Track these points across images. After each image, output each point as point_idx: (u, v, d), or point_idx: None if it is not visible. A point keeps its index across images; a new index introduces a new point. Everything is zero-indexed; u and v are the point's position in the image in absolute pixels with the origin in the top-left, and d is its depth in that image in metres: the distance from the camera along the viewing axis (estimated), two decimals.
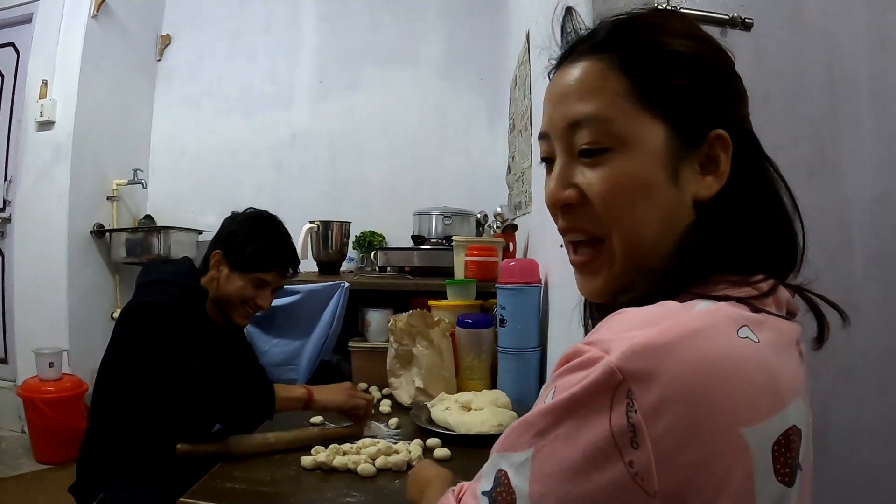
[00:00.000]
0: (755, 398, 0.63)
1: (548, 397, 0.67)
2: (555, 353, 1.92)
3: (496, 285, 2.08)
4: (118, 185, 4.57)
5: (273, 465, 1.67)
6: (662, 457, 0.60)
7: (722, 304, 0.68)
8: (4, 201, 4.59)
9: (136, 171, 4.59)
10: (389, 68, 4.43)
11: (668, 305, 0.68)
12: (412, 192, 4.14)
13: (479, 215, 3.29)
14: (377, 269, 3.15)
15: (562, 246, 0.88)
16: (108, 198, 4.57)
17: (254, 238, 2.21)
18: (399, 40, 4.46)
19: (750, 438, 0.62)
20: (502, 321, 2.05)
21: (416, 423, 1.89)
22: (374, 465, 1.59)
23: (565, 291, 1.71)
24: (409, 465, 1.61)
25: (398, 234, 4.06)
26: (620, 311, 0.69)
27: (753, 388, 0.63)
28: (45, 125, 4.29)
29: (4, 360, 4.67)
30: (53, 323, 4.24)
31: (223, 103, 4.75)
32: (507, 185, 3.32)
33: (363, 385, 2.46)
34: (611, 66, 0.80)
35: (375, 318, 2.62)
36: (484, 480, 0.74)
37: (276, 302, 2.60)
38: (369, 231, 4.09)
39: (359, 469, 1.57)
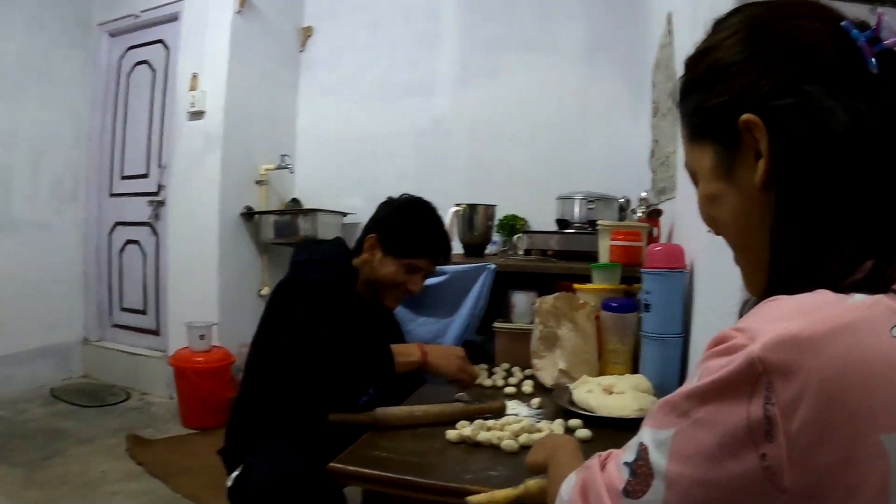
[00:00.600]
0: None
1: (694, 379, 0.68)
2: (698, 340, 1.91)
3: (641, 270, 2.08)
4: (266, 170, 4.78)
5: (419, 437, 1.74)
6: (796, 454, 0.60)
7: (880, 296, 0.65)
8: (159, 186, 4.93)
9: (283, 156, 4.79)
10: (529, 55, 4.41)
11: (823, 295, 0.66)
12: (554, 177, 4.08)
13: (621, 200, 3.27)
14: (521, 252, 3.18)
15: (708, 231, 0.90)
16: (257, 182, 4.79)
17: (408, 224, 2.26)
18: (538, 27, 4.42)
19: (889, 446, 0.59)
20: (647, 306, 2.04)
21: (559, 403, 1.92)
22: (516, 441, 1.62)
23: (711, 278, 1.70)
24: None
25: (541, 219, 4.02)
26: (774, 297, 0.69)
27: None
28: (196, 115, 4.57)
29: (157, 332, 5.01)
30: (204, 299, 4.52)
31: (365, 92, 4.85)
32: (651, 169, 3.28)
33: (505, 365, 2.49)
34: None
35: (520, 300, 2.64)
36: (628, 452, 0.76)
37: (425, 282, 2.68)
38: (512, 215, 4.10)
39: (502, 445, 1.61)
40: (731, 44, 0.81)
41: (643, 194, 2.89)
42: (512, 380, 2.29)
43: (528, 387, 2.19)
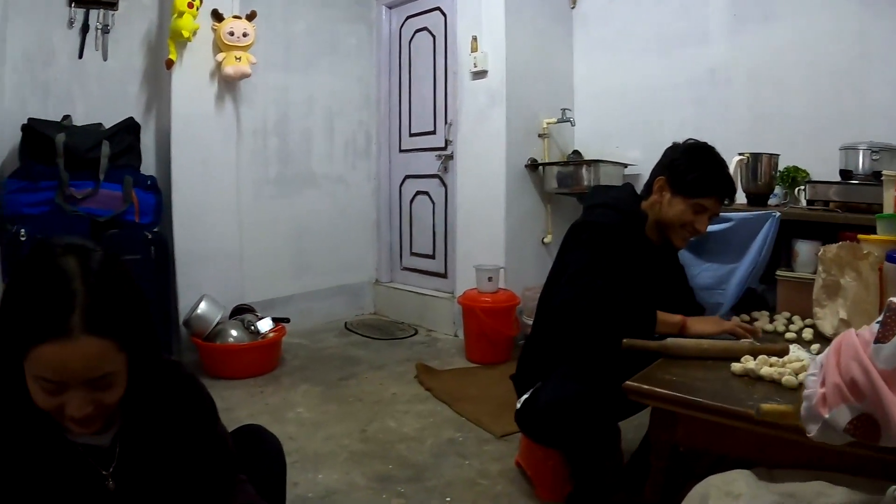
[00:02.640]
0: None
1: None
2: None
3: None
4: (548, 123, 4.91)
5: (706, 367, 1.89)
6: None
7: None
8: (446, 141, 5.25)
9: (563, 110, 4.86)
10: None
11: None
12: (836, 126, 3.84)
13: None
14: (803, 203, 3.15)
15: None
16: (539, 135, 4.94)
17: (695, 166, 2.34)
18: None
19: None
20: None
21: None
22: (796, 378, 1.70)
23: None
24: None
25: (822, 170, 3.73)
26: None
27: None
28: (479, 74, 4.80)
29: (444, 275, 5.37)
30: (491, 245, 4.78)
31: (638, 43, 4.78)
32: None
33: (786, 314, 2.52)
34: None
35: (804, 249, 2.67)
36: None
37: (710, 228, 2.72)
38: (793, 167, 3.94)
39: (783, 380, 1.70)
40: None
41: None
42: (793, 327, 2.36)
43: (808, 334, 2.24)
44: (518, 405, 2.49)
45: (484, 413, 3.46)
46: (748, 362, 1.82)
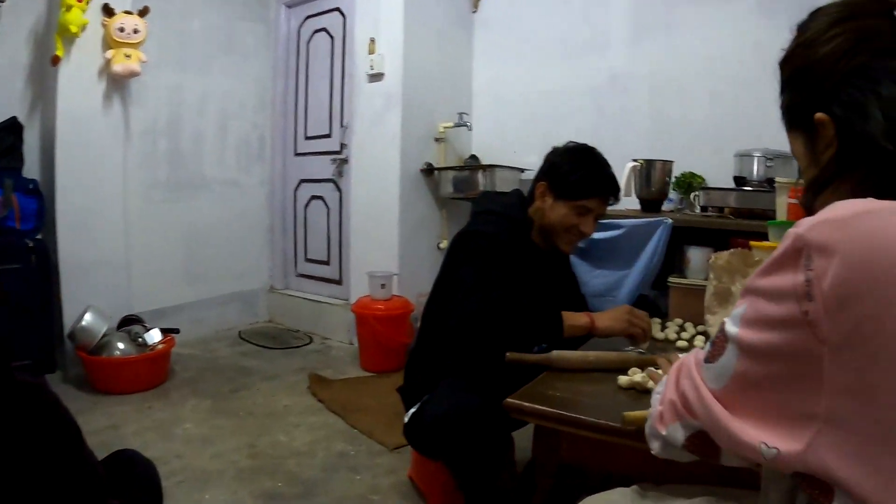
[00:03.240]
0: None
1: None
2: None
3: None
4: (444, 127, 4.86)
5: (592, 380, 1.82)
6: (830, 308, 0.77)
7: (886, 200, 0.82)
8: (342, 144, 5.12)
9: (461, 114, 4.83)
10: (705, 6, 4.14)
11: (864, 200, 0.83)
12: (733, 134, 3.86)
13: None
14: (697, 209, 3.15)
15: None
16: (436, 139, 4.89)
17: (576, 167, 2.28)
18: None
19: None
20: None
21: None
22: None
23: None
24: None
25: (718, 177, 3.85)
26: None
27: None
28: (376, 77, 4.71)
29: (339, 282, 5.27)
30: (385, 250, 4.71)
31: (539, 50, 4.77)
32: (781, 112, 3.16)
33: (678, 320, 2.51)
34: None
35: (696, 255, 2.65)
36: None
37: (601, 235, 2.69)
38: (689, 172, 3.98)
39: None
40: (805, 50, 1.02)
41: None
42: (684, 334, 2.31)
43: (699, 342, 2.19)
44: (406, 419, 2.39)
45: (377, 424, 3.38)
46: (635, 375, 1.76)
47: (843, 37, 0.95)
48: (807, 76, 1.01)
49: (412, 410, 2.36)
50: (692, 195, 3.71)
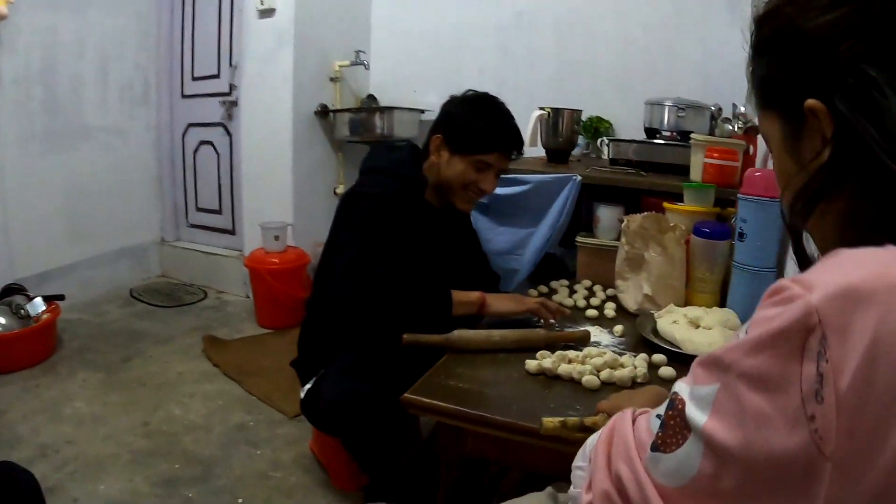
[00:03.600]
0: None
1: (742, 333, 0.63)
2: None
3: (738, 195, 1.92)
4: (340, 66, 4.62)
5: (497, 364, 1.69)
6: (843, 415, 0.54)
7: None
8: (231, 86, 4.79)
9: (357, 52, 4.60)
10: None
11: (887, 250, 0.60)
12: (643, 80, 3.89)
13: (713, 108, 3.05)
14: (607, 159, 3.01)
15: None
16: (331, 79, 4.64)
17: (474, 119, 2.10)
18: None
19: None
20: (741, 235, 1.91)
21: (642, 333, 1.84)
22: (598, 377, 1.55)
23: None
24: (634, 382, 1.57)
25: (626, 123, 3.88)
26: (836, 251, 0.63)
27: None
28: (267, 13, 4.39)
29: (232, 232, 5.02)
30: (279, 198, 4.48)
31: None
32: (747, 79, 3.08)
33: (587, 282, 2.41)
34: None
35: (606, 214, 2.51)
36: (661, 407, 0.73)
37: (505, 191, 2.54)
38: (596, 117, 3.92)
39: (583, 380, 1.55)
40: (796, 11, 0.74)
41: (742, 109, 2.63)
42: (594, 300, 2.23)
43: (610, 310, 2.11)
44: (302, 394, 2.24)
45: (275, 389, 3.24)
46: (544, 359, 1.62)
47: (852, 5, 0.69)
48: (797, 47, 0.74)
49: (308, 386, 2.21)
50: (599, 141, 3.65)
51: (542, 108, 3.04)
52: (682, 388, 0.70)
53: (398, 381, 1.62)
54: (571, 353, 1.65)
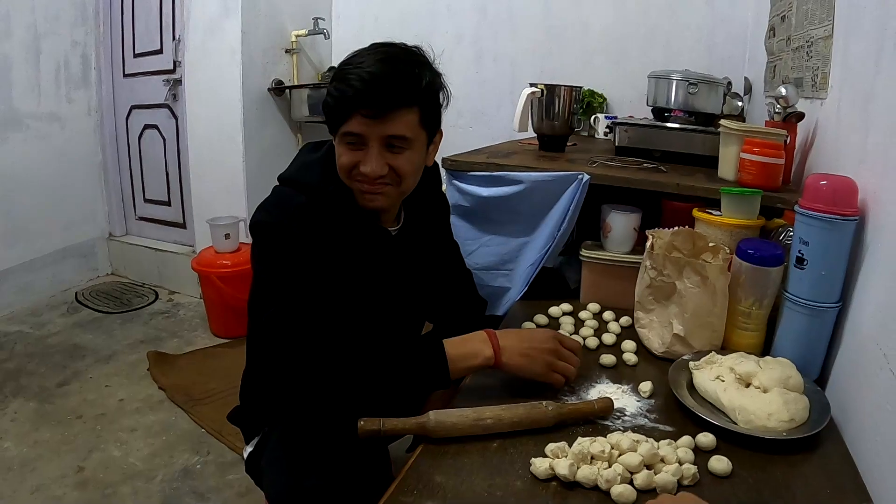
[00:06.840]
0: None
1: None
2: (860, 317, 1.37)
3: (797, 208, 1.45)
4: (297, 36, 4.29)
5: (491, 461, 1.22)
6: None
7: None
8: (175, 62, 4.38)
9: (316, 20, 4.25)
10: None
11: None
12: (641, 47, 3.56)
13: (724, 82, 2.57)
14: (599, 133, 2.49)
15: None
16: (287, 51, 4.31)
17: (332, 80, 1.52)
18: None
19: None
20: (801, 260, 1.45)
21: (676, 393, 1.38)
22: (633, 486, 1.11)
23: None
24: (680, 486, 1.13)
25: (622, 96, 3.57)
26: None
27: None
28: None
29: (183, 225, 4.67)
30: (230, 189, 4.13)
31: None
32: (767, 50, 2.63)
33: (594, 307, 1.95)
34: None
35: (619, 222, 1.97)
36: None
37: (492, 191, 2.05)
38: (588, 90, 3.51)
39: (613, 493, 1.10)
40: None
41: (783, 91, 1.94)
42: (607, 337, 1.76)
43: (630, 356, 1.65)
44: (245, 454, 1.79)
45: (225, 420, 2.80)
46: (557, 462, 1.16)
47: None
48: None
49: (250, 449, 1.76)
50: (592, 118, 3.33)
51: (533, 85, 2.50)
52: None
53: (356, 465, 1.30)
54: (595, 446, 1.19)
